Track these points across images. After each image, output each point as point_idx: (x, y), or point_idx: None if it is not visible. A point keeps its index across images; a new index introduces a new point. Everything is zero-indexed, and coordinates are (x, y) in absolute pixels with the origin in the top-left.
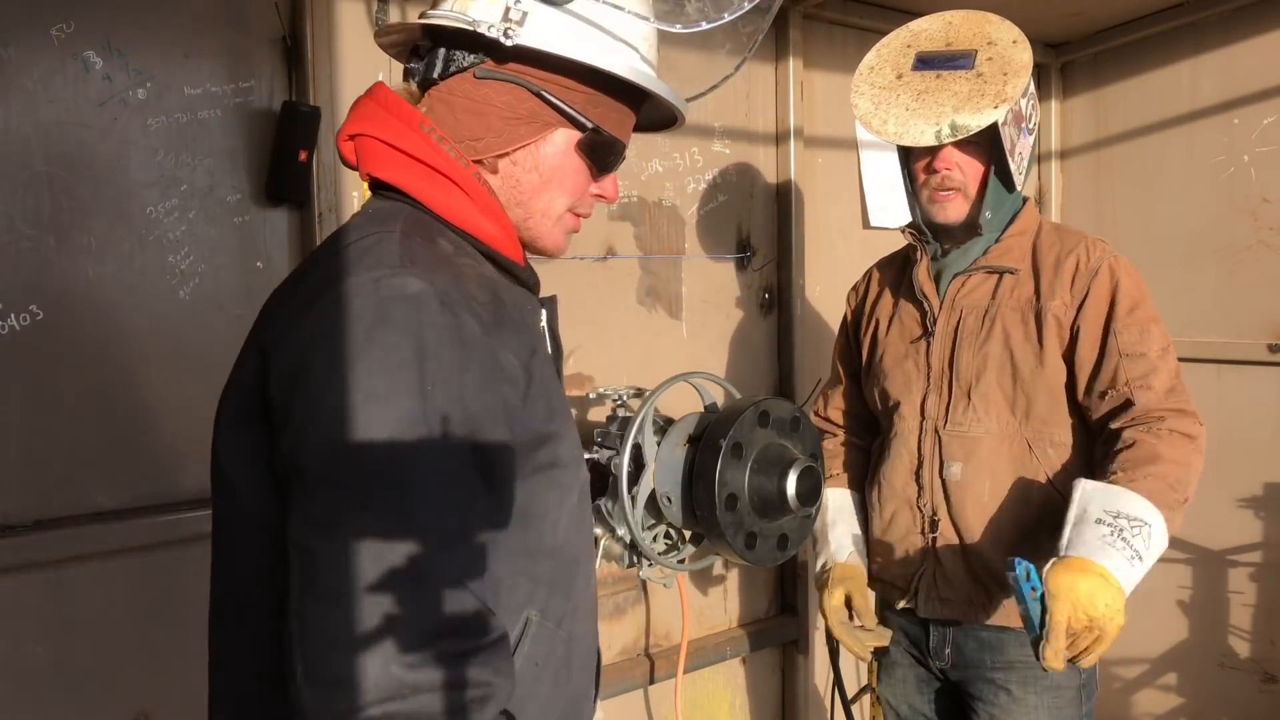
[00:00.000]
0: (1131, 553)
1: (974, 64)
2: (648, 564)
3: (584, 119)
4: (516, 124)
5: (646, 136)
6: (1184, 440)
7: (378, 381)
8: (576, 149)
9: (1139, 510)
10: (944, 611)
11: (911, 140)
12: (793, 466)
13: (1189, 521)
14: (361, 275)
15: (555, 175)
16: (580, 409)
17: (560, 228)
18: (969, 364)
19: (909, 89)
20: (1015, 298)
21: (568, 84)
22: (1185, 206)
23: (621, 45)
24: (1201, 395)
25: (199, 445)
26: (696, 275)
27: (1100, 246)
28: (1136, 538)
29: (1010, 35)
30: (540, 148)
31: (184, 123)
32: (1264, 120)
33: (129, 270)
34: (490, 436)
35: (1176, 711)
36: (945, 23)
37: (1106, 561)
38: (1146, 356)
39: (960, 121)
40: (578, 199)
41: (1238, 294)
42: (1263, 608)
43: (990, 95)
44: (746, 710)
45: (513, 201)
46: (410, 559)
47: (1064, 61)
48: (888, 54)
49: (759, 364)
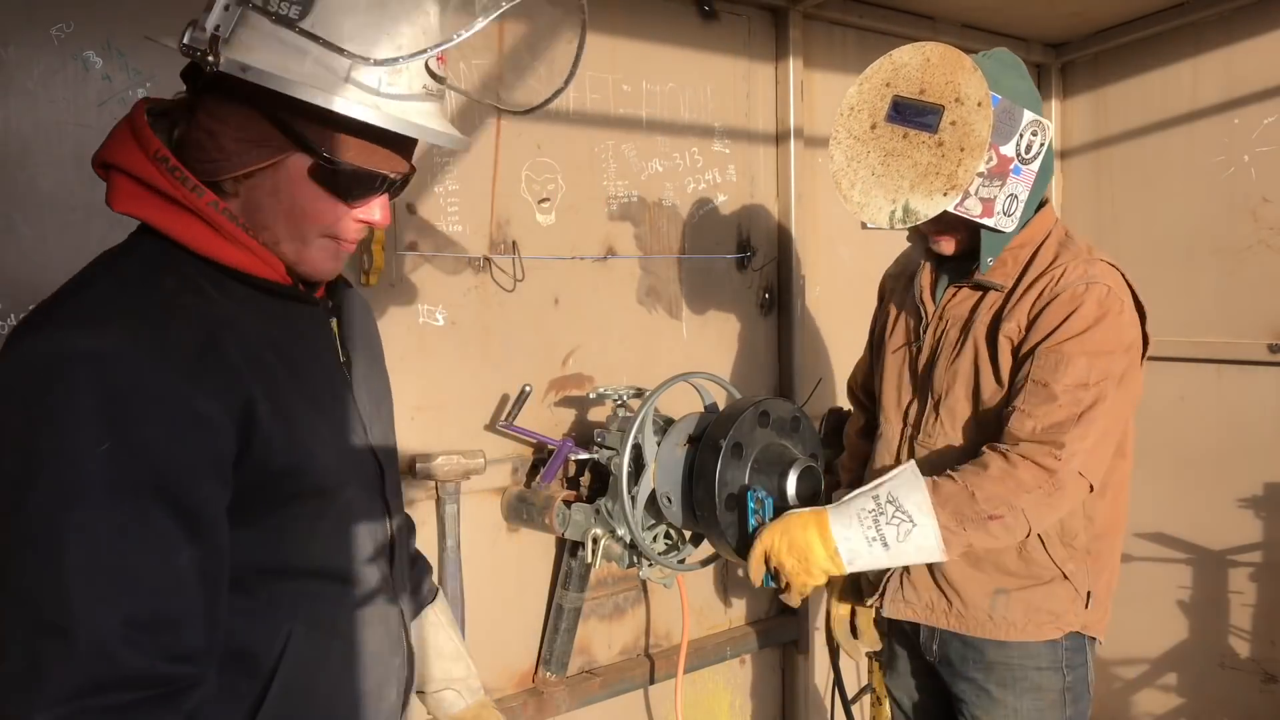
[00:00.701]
0: (876, 536)
1: (938, 127)
2: (648, 564)
3: (313, 146)
4: (249, 146)
5: (647, 137)
6: (1030, 467)
7: (46, 442)
8: (310, 177)
9: (915, 507)
10: (906, 613)
11: (869, 219)
12: (793, 466)
13: (1189, 521)
14: (41, 331)
15: (295, 202)
16: (580, 409)
17: (320, 252)
18: (941, 378)
19: (879, 147)
20: (989, 310)
21: (303, 110)
22: (1185, 206)
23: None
24: (1201, 395)
25: None
26: (696, 275)
27: (1085, 271)
28: (890, 527)
29: (977, 94)
30: (277, 172)
31: None
32: (1264, 120)
33: None
34: (187, 487)
35: (1176, 711)
36: (924, 59)
37: (840, 525)
38: (1048, 388)
39: (913, 205)
40: (330, 225)
41: (1238, 294)
42: (1263, 608)
43: (943, 177)
44: (746, 710)
45: (259, 225)
46: (59, 618)
47: (1064, 61)
48: (869, 93)
49: (759, 364)
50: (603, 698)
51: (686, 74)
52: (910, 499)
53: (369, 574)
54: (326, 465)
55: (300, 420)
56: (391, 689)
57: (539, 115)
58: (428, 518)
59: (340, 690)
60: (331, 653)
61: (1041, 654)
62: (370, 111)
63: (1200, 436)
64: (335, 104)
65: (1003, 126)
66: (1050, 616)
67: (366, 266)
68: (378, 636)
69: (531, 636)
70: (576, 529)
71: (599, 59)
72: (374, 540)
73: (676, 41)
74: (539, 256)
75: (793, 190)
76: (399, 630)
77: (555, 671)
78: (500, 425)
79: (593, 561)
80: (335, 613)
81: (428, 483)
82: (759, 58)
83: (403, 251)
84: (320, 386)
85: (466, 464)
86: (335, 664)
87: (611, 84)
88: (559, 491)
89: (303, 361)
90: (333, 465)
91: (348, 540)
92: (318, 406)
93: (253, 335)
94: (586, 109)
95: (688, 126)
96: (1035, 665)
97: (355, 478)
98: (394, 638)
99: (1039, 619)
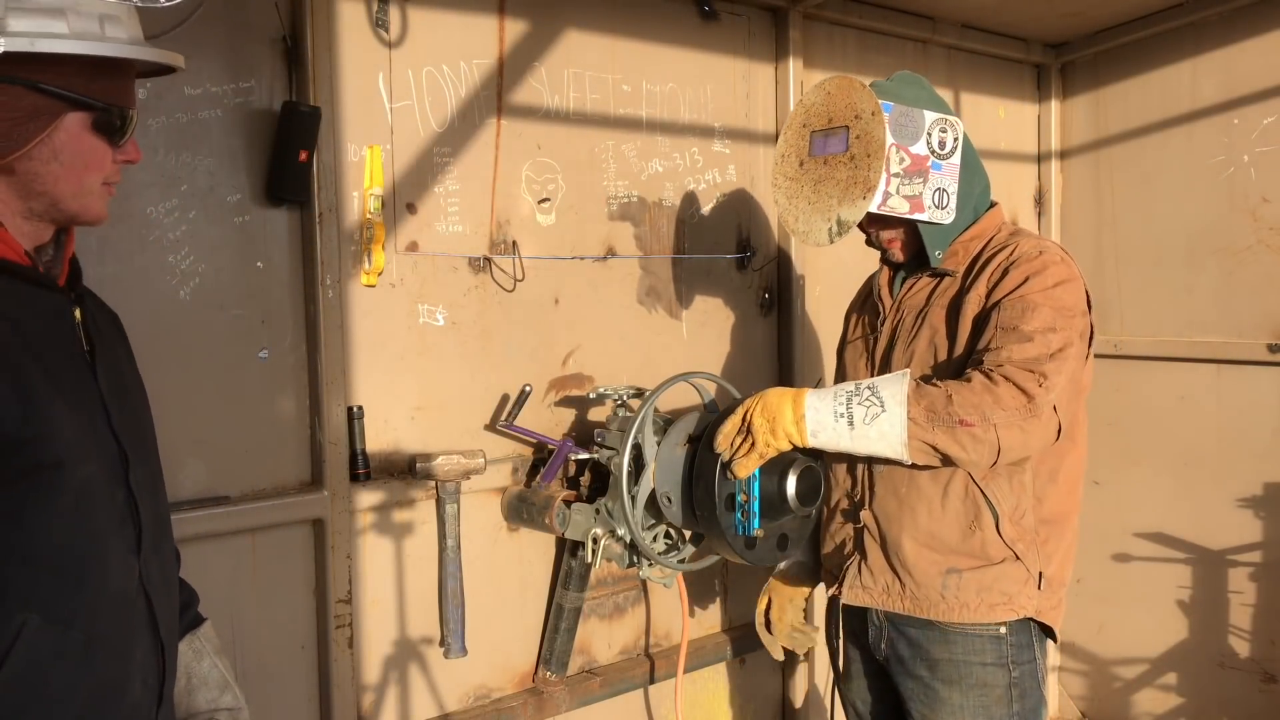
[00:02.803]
0: (844, 412)
1: (847, 145)
2: (648, 564)
3: (89, 100)
4: (23, 123)
5: (647, 137)
6: (1010, 388)
7: None
8: (90, 129)
9: (889, 396)
10: (864, 599)
11: (814, 241)
12: (792, 467)
13: (1189, 521)
14: None
15: (78, 159)
16: (580, 409)
17: (100, 200)
18: (898, 360)
19: (809, 179)
20: (944, 295)
21: (62, 69)
22: (1185, 206)
23: (95, 18)
24: (1201, 395)
25: (199, 445)
26: (696, 275)
27: (1038, 243)
28: (860, 407)
29: (869, 106)
30: (54, 138)
31: (184, 123)
32: (1264, 120)
33: (129, 270)
34: None
35: (1176, 711)
36: (825, 94)
37: (815, 398)
38: (1019, 330)
39: (844, 216)
40: (106, 172)
41: (1238, 294)
42: (1263, 608)
43: (860, 184)
44: (747, 710)
45: (35, 193)
46: None
47: (1064, 61)
48: (791, 138)
49: (759, 364)
50: (603, 697)
51: (686, 74)
52: (888, 389)
53: (110, 559)
54: (64, 439)
55: (37, 391)
56: (134, 682)
57: (539, 115)
58: (428, 518)
59: (75, 684)
60: (68, 645)
61: (986, 649)
62: (128, 48)
63: (1200, 436)
64: (104, 49)
65: (904, 129)
66: (1003, 597)
67: (367, 267)
68: (117, 627)
69: (531, 636)
70: (576, 529)
71: (599, 59)
72: (116, 523)
73: (676, 41)
74: (539, 256)
75: None
76: (145, 620)
77: (555, 671)
78: (500, 425)
79: (593, 561)
80: (72, 602)
81: (428, 483)
82: (759, 58)
83: (403, 252)
84: (59, 366)
85: (466, 464)
86: (72, 657)
87: (611, 84)
88: (559, 491)
89: (42, 340)
90: (71, 439)
91: (86, 521)
92: (55, 383)
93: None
94: (586, 109)
95: (688, 126)
96: (980, 661)
97: (95, 456)
98: (137, 628)
99: (990, 599)
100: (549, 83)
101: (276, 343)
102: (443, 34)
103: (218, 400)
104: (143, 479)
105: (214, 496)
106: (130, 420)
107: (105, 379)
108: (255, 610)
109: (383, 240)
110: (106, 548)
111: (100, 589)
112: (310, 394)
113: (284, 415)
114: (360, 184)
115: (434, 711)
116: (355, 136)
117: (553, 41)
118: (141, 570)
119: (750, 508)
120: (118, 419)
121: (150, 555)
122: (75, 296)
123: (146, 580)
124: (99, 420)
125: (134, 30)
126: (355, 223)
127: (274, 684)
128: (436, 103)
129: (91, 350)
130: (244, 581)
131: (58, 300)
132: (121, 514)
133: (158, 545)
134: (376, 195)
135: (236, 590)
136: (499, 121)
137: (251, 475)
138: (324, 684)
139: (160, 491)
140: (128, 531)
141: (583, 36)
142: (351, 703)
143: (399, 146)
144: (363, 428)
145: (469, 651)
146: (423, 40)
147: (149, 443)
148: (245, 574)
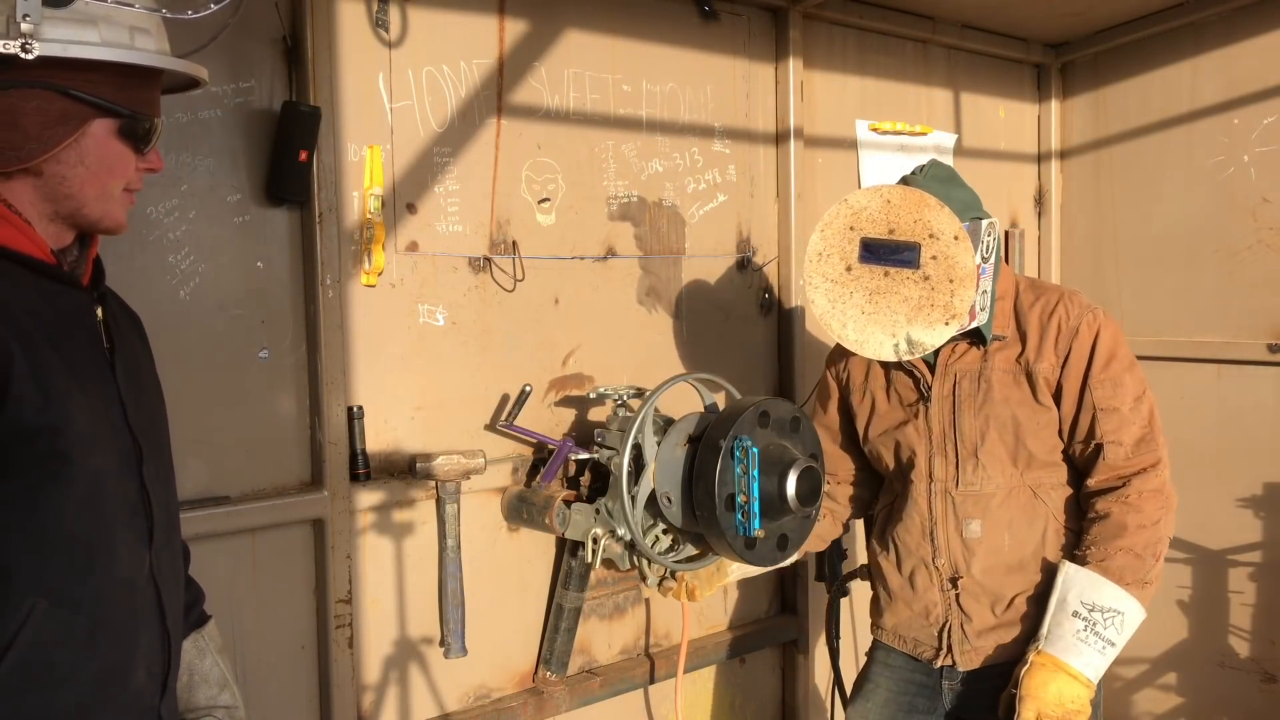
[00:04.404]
0: (1103, 644)
1: (919, 263)
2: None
3: (116, 107)
4: (52, 126)
5: (647, 137)
6: (1152, 498)
7: None
8: (117, 136)
9: (1113, 600)
10: (979, 661)
11: (873, 354)
12: (793, 467)
13: (1189, 522)
14: None
15: (103, 164)
16: (580, 409)
17: (120, 206)
18: (971, 425)
19: (861, 287)
20: (1005, 359)
21: (92, 77)
22: (1185, 207)
23: (126, 29)
24: (1201, 395)
25: (199, 445)
26: (696, 275)
27: (1077, 301)
28: (1109, 628)
29: (951, 229)
30: (82, 142)
31: (184, 123)
32: (1264, 120)
33: (129, 270)
34: None
35: (1176, 711)
36: (884, 201)
37: (1077, 660)
38: (1119, 411)
39: (916, 337)
40: (129, 179)
41: (1237, 294)
42: (1263, 608)
43: (940, 308)
44: (747, 710)
45: (61, 196)
46: None
47: (1064, 61)
48: (833, 237)
49: (759, 364)
50: (603, 697)
51: (686, 74)
52: (1104, 595)
53: (119, 548)
54: (80, 430)
55: (56, 382)
56: (138, 670)
57: (539, 115)
58: (428, 517)
59: (80, 668)
60: (74, 630)
61: None
62: (156, 58)
63: (1200, 436)
64: (134, 57)
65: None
66: None
67: (367, 266)
68: (123, 615)
69: (531, 636)
70: (576, 529)
71: (599, 59)
72: (128, 514)
73: (676, 41)
74: (539, 256)
75: (793, 190)
76: (153, 610)
77: (555, 671)
78: (500, 425)
79: (593, 561)
80: (80, 588)
81: (428, 482)
82: (759, 58)
83: (403, 252)
84: (80, 360)
85: (466, 464)
86: (77, 642)
87: (611, 84)
88: (559, 491)
89: (63, 334)
90: (86, 431)
91: (97, 510)
92: (75, 376)
93: (15, 303)
94: (586, 109)
95: (688, 126)
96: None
97: (110, 449)
98: (144, 617)
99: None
100: (549, 83)
101: (276, 343)
102: (443, 34)
103: (218, 400)
104: (155, 473)
105: (214, 496)
106: (145, 417)
107: (123, 376)
108: (255, 610)
109: (383, 240)
110: (115, 537)
111: (108, 577)
112: (310, 394)
113: (284, 415)
114: (360, 184)
115: (434, 711)
116: (355, 136)
117: (553, 41)
118: (153, 561)
119: (750, 508)
120: (133, 414)
121: (162, 548)
122: (98, 296)
123: (157, 571)
124: (115, 414)
125: (162, 43)
126: (355, 223)
127: (274, 684)
128: (436, 103)
129: (111, 348)
130: (244, 581)
131: (80, 298)
132: (134, 506)
133: (169, 538)
134: (376, 195)
135: (236, 590)
136: (499, 121)
137: (251, 475)
138: (324, 684)
139: (172, 487)
140: (139, 523)
141: (583, 36)
142: (351, 703)
143: (399, 146)
144: (363, 428)
145: (469, 651)
146: (423, 40)
147: (163, 440)
148: (245, 574)
